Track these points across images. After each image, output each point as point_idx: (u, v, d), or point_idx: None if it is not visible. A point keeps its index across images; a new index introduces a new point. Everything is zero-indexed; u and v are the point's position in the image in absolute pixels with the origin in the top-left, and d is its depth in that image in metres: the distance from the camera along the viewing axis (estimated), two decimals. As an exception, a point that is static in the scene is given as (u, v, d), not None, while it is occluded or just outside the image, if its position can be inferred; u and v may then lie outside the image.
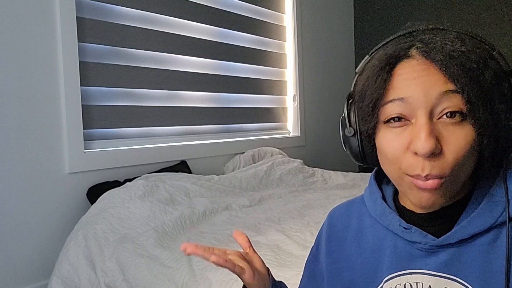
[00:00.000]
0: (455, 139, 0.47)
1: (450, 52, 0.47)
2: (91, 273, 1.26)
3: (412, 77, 0.49)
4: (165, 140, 1.95)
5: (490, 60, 0.48)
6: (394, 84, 0.51)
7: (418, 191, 0.50)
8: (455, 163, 0.47)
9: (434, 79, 0.48)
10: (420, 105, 0.48)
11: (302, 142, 2.68)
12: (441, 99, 0.47)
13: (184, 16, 2.03)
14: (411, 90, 0.49)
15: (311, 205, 1.54)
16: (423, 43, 0.50)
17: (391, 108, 0.50)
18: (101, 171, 1.66)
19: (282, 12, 2.63)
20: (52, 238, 1.53)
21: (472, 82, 0.46)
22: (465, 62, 0.47)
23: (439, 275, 0.52)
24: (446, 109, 0.47)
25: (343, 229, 0.64)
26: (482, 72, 0.47)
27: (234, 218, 1.44)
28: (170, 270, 1.09)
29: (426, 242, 0.53)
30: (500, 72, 0.48)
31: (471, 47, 0.48)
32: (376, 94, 0.52)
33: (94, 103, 1.69)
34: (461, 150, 0.47)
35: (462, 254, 0.51)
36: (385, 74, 0.51)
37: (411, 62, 0.50)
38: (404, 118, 0.50)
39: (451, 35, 0.50)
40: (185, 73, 2.03)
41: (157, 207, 1.43)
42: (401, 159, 0.50)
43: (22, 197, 1.46)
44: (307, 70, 2.76)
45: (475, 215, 0.51)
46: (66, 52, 1.55)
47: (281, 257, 1.03)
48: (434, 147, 0.46)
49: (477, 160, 0.50)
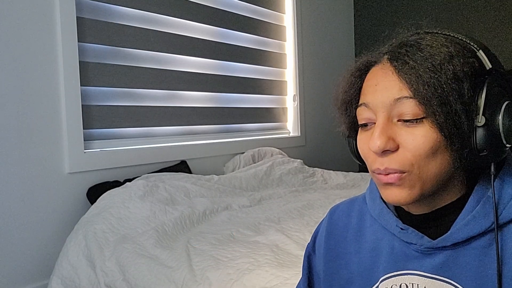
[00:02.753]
0: (412, 138, 0.50)
1: (408, 58, 0.50)
2: (91, 273, 1.26)
3: (374, 83, 0.53)
4: (165, 140, 1.95)
5: (452, 62, 0.49)
6: (363, 89, 0.55)
7: (384, 186, 0.53)
8: (415, 159, 0.49)
9: (391, 85, 0.51)
10: (379, 109, 0.52)
11: (302, 142, 2.68)
12: (395, 104, 0.50)
13: (184, 16, 2.03)
14: (372, 96, 0.53)
15: (311, 205, 1.54)
16: (393, 50, 0.53)
17: (360, 112, 0.55)
18: (101, 171, 1.66)
19: (282, 12, 2.63)
20: (52, 238, 1.53)
21: (425, 86, 0.48)
22: (419, 66, 0.49)
23: (434, 277, 0.52)
24: (402, 115, 0.50)
25: (344, 227, 0.64)
26: (437, 75, 0.48)
27: (234, 218, 1.44)
28: (170, 270, 1.09)
29: (422, 244, 0.53)
30: (460, 73, 0.49)
31: (434, 51, 0.50)
32: (347, 97, 0.57)
33: (94, 103, 1.69)
34: (419, 147, 0.49)
35: (457, 257, 0.51)
36: (354, 78, 0.57)
37: (377, 68, 0.54)
38: (370, 122, 0.54)
39: (425, 40, 0.52)
40: (185, 73, 2.03)
41: (157, 207, 1.43)
42: (367, 157, 0.54)
43: (22, 197, 1.46)
44: (307, 70, 2.76)
45: (471, 218, 0.51)
46: (66, 52, 1.55)
47: (280, 257, 1.04)
48: (383, 144, 0.50)
49: (453, 165, 0.51)
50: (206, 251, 1.13)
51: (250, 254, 1.06)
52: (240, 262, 1.03)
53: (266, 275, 0.95)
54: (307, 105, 2.73)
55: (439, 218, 0.54)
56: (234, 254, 1.09)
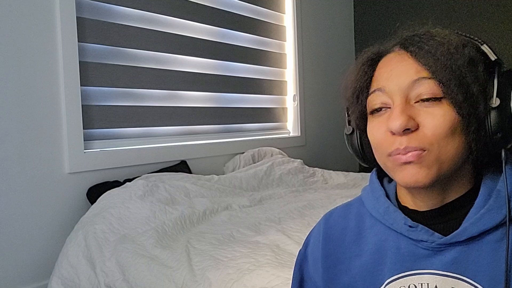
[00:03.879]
0: (432, 116, 0.50)
1: (422, 43, 0.52)
2: (91, 273, 1.26)
3: (390, 69, 0.54)
4: (165, 140, 1.95)
5: (465, 48, 0.51)
6: (376, 77, 0.57)
7: (401, 167, 0.52)
8: (435, 138, 0.50)
9: (408, 68, 0.52)
10: (396, 92, 0.52)
11: (302, 142, 2.68)
12: (414, 85, 0.51)
13: (184, 16, 2.02)
14: (388, 80, 0.53)
15: (312, 205, 1.54)
16: (405, 39, 0.54)
17: (373, 98, 0.55)
18: (101, 171, 1.66)
19: (282, 12, 2.63)
20: (52, 238, 1.53)
21: (443, 68, 0.50)
22: (435, 50, 0.51)
23: (445, 274, 0.51)
24: (420, 95, 0.51)
25: (342, 230, 0.62)
26: (453, 58, 0.50)
27: (234, 218, 1.43)
28: (170, 270, 1.09)
29: (433, 241, 0.52)
30: (475, 58, 0.51)
31: (448, 39, 0.52)
32: (358, 85, 0.58)
33: (94, 103, 1.69)
34: (439, 126, 0.50)
35: (470, 252, 0.51)
36: (366, 67, 0.57)
37: (390, 56, 0.55)
38: (384, 107, 0.54)
39: (436, 31, 0.54)
40: (185, 73, 2.03)
41: (157, 207, 1.43)
42: (382, 142, 0.53)
43: (22, 197, 1.46)
44: (307, 70, 2.76)
45: (485, 211, 0.50)
46: (66, 52, 1.55)
47: (281, 257, 1.03)
48: (405, 122, 0.50)
49: (469, 149, 0.52)
50: (206, 251, 1.13)
51: (250, 254, 1.06)
52: (240, 262, 1.03)
53: (266, 275, 0.95)
54: (307, 105, 2.73)
55: (447, 213, 0.54)
56: (235, 254, 1.09)
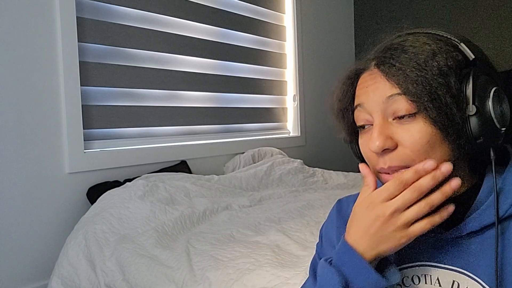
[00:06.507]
0: (408, 134, 0.52)
1: (393, 60, 0.53)
2: (91, 273, 1.26)
3: (365, 86, 0.56)
4: (165, 140, 1.95)
5: (436, 58, 0.52)
6: (356, 92, 0.58)
7: None
8: (415, 154, 0.52)
9: (381, 86, 0.54)
10: (374, 109, 0.55)
11: (302, 142, 2.68)
12: (388, 101, 0.53)
13: (184, 16, 2.02)
14: (365, 96, 0.56)
15: (312, 205, 1.54)
16: (379, 55, 0.56)
17: (357, 114, 0.58)
18: (101, 171, 1.66)
19: (282, 12, 2.63)
20: (52, 238, 1.53)
21: (413, 84, 0.51)
22: (406, 67, 0.52)
23: (447, 267, 0.53)
24: (396, 112, 0.53)
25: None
26: (423, 72, 0.51)
27: (234, 218, 1.43)
28: (170, 270, 1.09)
29: (434, 235, 0.54)
30: (445, 68, 0.51)
31: (419, 50, 0.53)
32: (342, 104, 0.61)
33: (94, 103, 1.69)
34: (417, 142, 0.51)
35: (470, 246, 0.52)
36: (346, 86, 0.60)
37: (366, 74, 0.57)
38: (367, 123, 0.56)
39: (408, 41, 0.55)
40: (185, 73, 2.03)
41: (157, 207, 1.43)
42: (370, 158, 0.56)
43: (22, 197, 1.46)
44: (307, 70, 2.76)
45: (485, 207, 0.52)
46: (66, 52, 1.55)
47: (281, 257, 1.03)
48: (382, 143, 0.52)
49: (454, 155, 0.53)
50: (206, 251, 1.13)
51: (250, 254, 1.06)
52: (240, 262, 1.03)
53: (266, 275, 0.95)
54: (307, 105, 2.73)
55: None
56: (235, 254, 1.08)
